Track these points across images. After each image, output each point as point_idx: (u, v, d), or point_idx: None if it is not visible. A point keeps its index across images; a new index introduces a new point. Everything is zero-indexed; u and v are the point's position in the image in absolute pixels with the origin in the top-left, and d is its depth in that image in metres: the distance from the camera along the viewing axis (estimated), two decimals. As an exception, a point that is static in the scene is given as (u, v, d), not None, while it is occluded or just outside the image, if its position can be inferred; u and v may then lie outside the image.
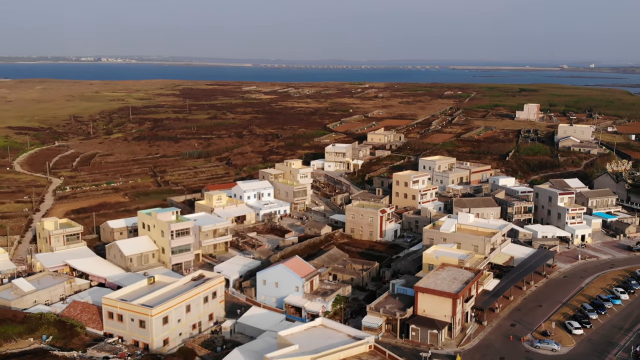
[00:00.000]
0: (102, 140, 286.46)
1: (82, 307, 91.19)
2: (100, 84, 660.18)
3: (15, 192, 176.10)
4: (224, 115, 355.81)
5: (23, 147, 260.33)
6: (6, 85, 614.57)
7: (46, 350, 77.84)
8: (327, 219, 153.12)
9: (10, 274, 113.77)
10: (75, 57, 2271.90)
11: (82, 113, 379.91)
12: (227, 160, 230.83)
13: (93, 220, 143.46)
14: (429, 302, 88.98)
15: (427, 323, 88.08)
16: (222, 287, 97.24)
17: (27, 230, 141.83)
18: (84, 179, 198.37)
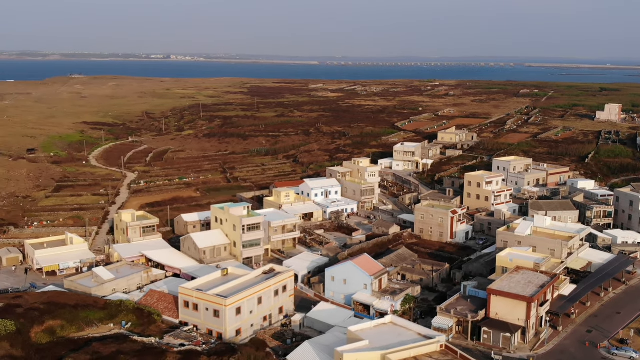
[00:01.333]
0: (174, 136, 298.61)
1: (159, 296, 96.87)
2: (171, 81, 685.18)
3: (92, 185, 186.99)
4: (291, 113, 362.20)
5: (98, 142, 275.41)
6: (81, 81, 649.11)
7: (126, 336, 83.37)
8: (395, 219, 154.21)
9: (89, 263, 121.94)
10: (145, 55, 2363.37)
11: (154, 110, 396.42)
12: (294, 157, 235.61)
13: (167, 213, 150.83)
14: (502, 305, 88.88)
15: (499, 326, 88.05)
16: (291, 282, 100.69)
17: (104, 221, 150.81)
18: (157, 173, 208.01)
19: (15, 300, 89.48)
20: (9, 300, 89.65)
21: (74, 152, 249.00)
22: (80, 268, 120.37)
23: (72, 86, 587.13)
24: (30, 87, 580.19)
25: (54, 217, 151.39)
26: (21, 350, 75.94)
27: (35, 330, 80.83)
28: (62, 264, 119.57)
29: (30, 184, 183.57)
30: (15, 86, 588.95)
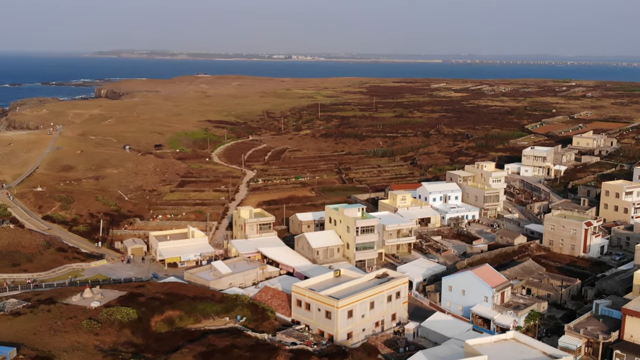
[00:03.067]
0: (292, 136, 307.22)
1: (273, 293, 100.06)
2: (291, 81, 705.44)
3: (214, 182, 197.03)
4: (410, 113, 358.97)
5: (220, 139, 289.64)
6: (206, 80, 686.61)
7: (240, 330, 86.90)
8: (521, 228, 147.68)
9: (209, 257, 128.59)
10: (268, 55, 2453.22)
11: (274, 109, 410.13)
12: (412, 160, 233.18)
13: (283, 212, 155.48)
14: (638, 327, 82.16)
15: (634, 349, 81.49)
16: (406, 288, 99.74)
17: (224, 217, 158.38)
18: (275, 172, 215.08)
19: (138, 290, 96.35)
20: (133, 289, 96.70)
21: (197, 149, 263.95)
22: (200, 261, 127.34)
23: (198, 85, 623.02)
24: (159, 85, 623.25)
25: (177, 211, 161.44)
26: (141, 338, 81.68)
27: (155, 320, 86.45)
28: (183, 256, 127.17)
29: (157, 179, 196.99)
30: (145, 84, 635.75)
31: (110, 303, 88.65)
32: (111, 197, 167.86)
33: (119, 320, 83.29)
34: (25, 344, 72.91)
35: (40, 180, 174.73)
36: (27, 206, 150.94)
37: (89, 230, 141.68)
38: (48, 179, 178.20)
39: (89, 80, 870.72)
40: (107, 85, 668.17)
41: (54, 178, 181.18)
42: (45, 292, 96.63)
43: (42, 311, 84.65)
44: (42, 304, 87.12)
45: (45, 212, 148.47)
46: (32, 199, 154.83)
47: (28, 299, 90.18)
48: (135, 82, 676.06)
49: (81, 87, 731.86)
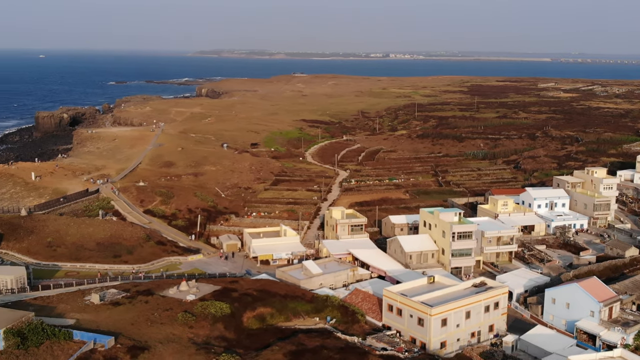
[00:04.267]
0: (387, 136, 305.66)
1: (363, 296, 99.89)
2: (388, 80, 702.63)
3: (307, 181, 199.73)
4: (514, 114, 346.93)
5: (314, 139, 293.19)
6: (302, 80, 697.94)
7: (330, 332, 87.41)
8: (633, 240, 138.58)
9: (300, 256, 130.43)
10: (365, 54, 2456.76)
11: (369, 109, 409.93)
12: (516, 163, 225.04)
13: (375, 213, 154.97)
14: None
15: None
16: (505, 299, 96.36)
17: (316, 217, 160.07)
18: (368, 173, 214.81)
19: (231, 285, 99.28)
20: (227, 284, 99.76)
21: (292, 148, 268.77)
22: (292, 260, 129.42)
23: (294, 84, 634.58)
24: (257, 84, 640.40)
25: (271, 209, 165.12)
26: (233, 333, 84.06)
27: (247, 315, 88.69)
28: (275, 254, 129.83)
29: (252, 177, 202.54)
30: (244, 83, 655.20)
31: (204, 297, 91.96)
32: (209, 193, 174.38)
33: (213, 314, 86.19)
34: (123, 334, 77.05)
35: (143, 176, 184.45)
36: (130, 200, 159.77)
37: (187, 225, 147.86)
38: (150, 175, 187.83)
39: (191, 79, 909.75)
40: (208, 84, 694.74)
41: (155, 174, 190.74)
42: (144, 283, 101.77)
43: (140, 302, 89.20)
44: (140, 295, 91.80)
45: (146, 206, 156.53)
46: (135, 193, 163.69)
47: (127, 290, 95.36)
48: (234, 81, 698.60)
49: (183, 86, 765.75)
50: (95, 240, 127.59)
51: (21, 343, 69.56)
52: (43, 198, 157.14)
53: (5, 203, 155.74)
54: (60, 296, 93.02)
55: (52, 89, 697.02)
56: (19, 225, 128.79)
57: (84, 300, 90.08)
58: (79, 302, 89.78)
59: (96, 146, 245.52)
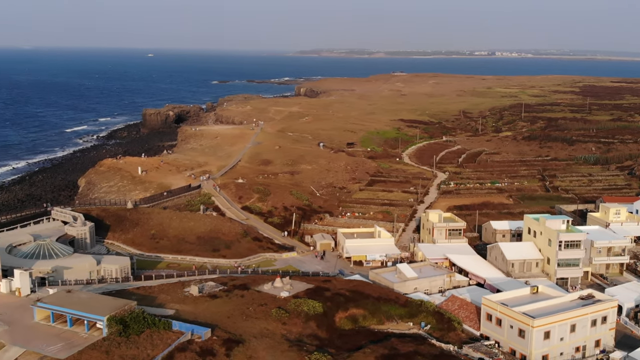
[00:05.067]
0: (490, 137, 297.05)
1: (460, 303, 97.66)
2: (493, 79, 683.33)
3: (403, 182, 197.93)
4: (630, 117, 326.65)
5: (412, 139, 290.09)
6: (401, 79, 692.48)
7: (424, 338, 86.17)
8: None
9: (394, 258, 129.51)
10: (469, 52, 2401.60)
11: (472, 109, 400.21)
12: (630, 169, 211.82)
13: (475, 218, 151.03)
14: None
15: None
16: (614, 313, 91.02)
17: (411, 219, 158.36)
18: (468, 176, 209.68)
19: (324, 284, 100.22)
20: (320, 283, 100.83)
21: (388, 148, 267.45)
22: (385, 262, 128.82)
23: (393, 84, 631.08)
24: (355, 83, 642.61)
25: (365, 209, 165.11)
26: (326, 332, 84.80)
27: (340, 316, 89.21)
28: (369, 255, 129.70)
29: (347, 176, 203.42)
30: (342, 82, 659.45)
31: (298, 294, 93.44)
32: (304, 192, 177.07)
33: (306, 312, 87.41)
34: (219, 326, 79.75)
35: (242, 173, 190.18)
36: (229, 196, 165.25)
37: (282, 223, 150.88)
38: (248, 172, 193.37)
39: (291, 78, 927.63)
40: (306, 83, 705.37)
41: (253, 171, 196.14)
42: (240, 277, 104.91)
43: (236, 296, 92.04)
44: (237, 289, 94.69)
45: (244, 203, 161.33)
46: (234, 190, 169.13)
47: (224, 283, 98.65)
48: (332, 80, 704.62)
49: (283, 85, 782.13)
50: (196, 234, 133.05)
51: (123, 331, 73.62)
52: (148, 192, 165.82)
53: (113, 195, 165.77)
54: (161, 287, 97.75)
55: (161, 87, 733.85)
56: (125, 217, 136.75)
57: (184, 292, 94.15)
58: (178, 293, 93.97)
59: (199, 143, 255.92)
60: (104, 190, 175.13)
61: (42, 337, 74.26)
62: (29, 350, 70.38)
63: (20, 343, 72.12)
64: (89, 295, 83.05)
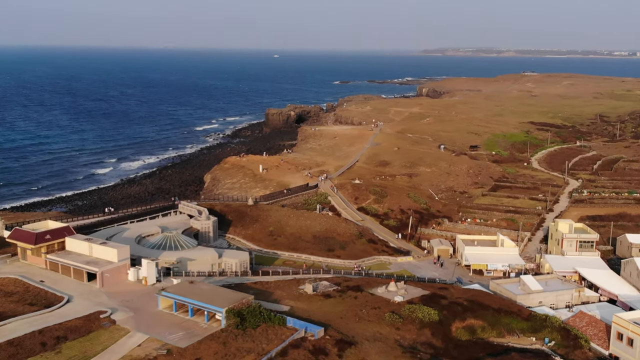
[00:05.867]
0: (629, 144, 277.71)
1: (589, 320, 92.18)
2: (634, 81, 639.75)
3: (530, 189, 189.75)
4: None
5: (542, 143, 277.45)
6: (532, 79, 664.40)
7: (547, 354, 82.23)
8: None
9: (517, 269, 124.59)
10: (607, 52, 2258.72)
11: (609, 112, 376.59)
12: None
13: (609, 230, 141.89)
14: None
15: None
16: None
17: (539, 228, 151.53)
18: (604, 184, 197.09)
19: (441, 292, 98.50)
20: (436, 290, 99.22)
21: (515, 152, 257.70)
22: (508, 272, 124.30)
23: (523, 84, 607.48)
24: (481, 84, 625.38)
25: (487, 216, 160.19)
26: (441, 341, 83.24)
27: (456, 325, 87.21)
28: (490, 264, 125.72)
29: (469, 180, 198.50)
30: (467, 82, 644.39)
31: (412, 300, 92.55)
32: (422, 195, 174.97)
33: (420, 319, 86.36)
34: (332, 326, 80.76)
35: (359, 173, 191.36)
36: (345, 196, 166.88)
37: (398, 226, 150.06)
38: (365, 173, 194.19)
39: (412, 78, 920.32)
40: (429, 83, 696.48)
41: (370, 172, 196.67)
42: (354, 279, 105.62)
43: (349, 297, 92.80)
44: (350, 290, 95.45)
45: (360, 204, 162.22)
46: (350, 190, 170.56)
47: (338, 284, 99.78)
48: (456, 80, 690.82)
49: (404, 85, 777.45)
50: (312, 233, 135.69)
51: (240, 323, 76.58)
52: (268, 189, 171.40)
53: (235, 192, 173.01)
54: (277, 283, 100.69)
55: (284, 87, 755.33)
56: (245, 214, 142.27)
57: (298, 289, 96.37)
58: (293, 290, 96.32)
59: (318, 143, 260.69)
60: (227, 187, 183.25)
61: (165, 325, 78.97)
62: (152, 337, 75.08)
63: (144, 330, 77.15)
64: (210, 287, 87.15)
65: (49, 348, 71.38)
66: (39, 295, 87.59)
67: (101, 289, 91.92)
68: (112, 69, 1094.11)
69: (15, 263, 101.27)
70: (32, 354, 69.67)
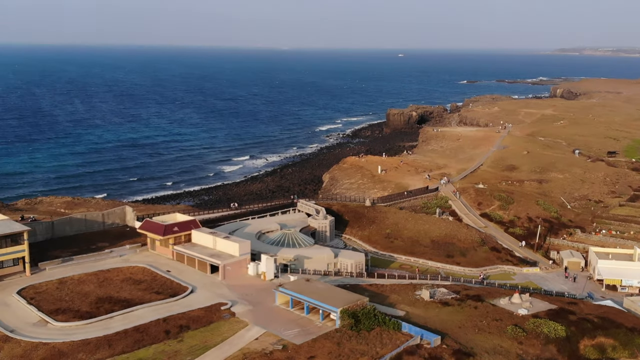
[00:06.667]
0: None
1: None
2: None
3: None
4: None
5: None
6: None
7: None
8: None
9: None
10: None
11: None
12: None
13: None
14: None
15: None
16: None
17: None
18: None
19: (569, 306, 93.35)
20: (564, 305, 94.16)
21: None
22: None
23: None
24: (621, 85, 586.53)
25: (624, 228, 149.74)
26: (567, 358, 78.88)
27: (585, 343, 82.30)
28: (625, 280, 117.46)
29: (605, 189, 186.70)
30: (606, 84, 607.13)
31: (538, 314, 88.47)
32: (552, 202, 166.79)
33: (546, 334, 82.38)
34: (449, 335, 78.94)
35: (483, 178, 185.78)
36: (467, 201, 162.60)
37: (525, 234, 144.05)
38: (490, 177, 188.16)
39: (546, 78, 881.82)
40: (564, 84, 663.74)
41: (496, 177, 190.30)
42: (474, 288, 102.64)
43: (468, 306, 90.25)
44: (470, 300, 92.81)
45: (483, 210, 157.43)
46: (472, 195, 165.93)
47: (457, 292, 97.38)
48: (595, 81, 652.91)
49: (536, 86, 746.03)
50: (430, 237, 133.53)
51: (354, 325, 76.87)
52: (386, 191, 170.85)
53: (353, 192, 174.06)
54: (392, 287, 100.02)
55: (408, 87, 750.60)
56: (362, 215, 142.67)
57: (415, 295, 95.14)
58: (409, 295, 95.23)
59: (440, 145, 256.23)
60: (345, 187, 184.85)
61: (281, 321, 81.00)
62: (268, 332, 77.26)
63: (261, 324, 79.57)
64: (326, 286, 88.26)
65: (172, 336, 75.52)
66: (165, 285, 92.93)
67: (223, 281, 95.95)
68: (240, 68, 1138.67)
69: (145, 253, 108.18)
70: (156, 341, 74.02)
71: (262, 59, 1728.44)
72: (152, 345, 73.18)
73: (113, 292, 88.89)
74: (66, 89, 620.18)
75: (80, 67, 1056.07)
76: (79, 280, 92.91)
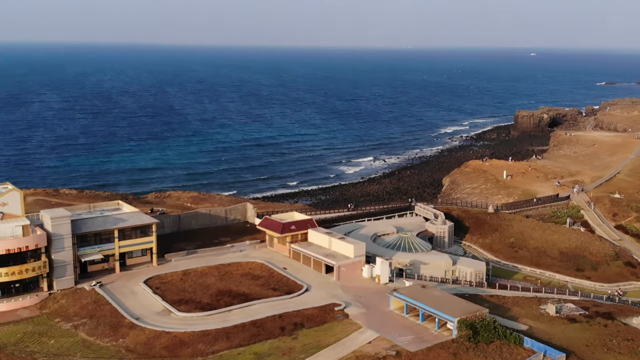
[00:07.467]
0: None
1: None
2: None
3: None
4: None
5: None
6: None
7: None
8: None
9: None
10: None
11: None
12: None
13: None
14: None
15: None
16: None
17: None
18: None
19: None
20: None
21: None
22: None
23: None
24: None
25: None
26: None
27: None
28: None
29: None
30: None
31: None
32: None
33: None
34: (575, 353, 74.90)
35: (619, 187, 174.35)
36: (601, 212, 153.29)
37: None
38: (627, 186, 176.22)
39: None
40: None
41: (634, 186, 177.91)
42: (605, 305, 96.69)
43: (598, 324, 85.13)
44: (599, 317, 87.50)
45: (618, 221, 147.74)
46: (607, 205, 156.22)
47: (586, 308, 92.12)
48: None
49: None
50: (559, 248, 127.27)
51: (472, 336, 74.74)
52: (511, 197, 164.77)
53: (475, 197, 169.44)
54: (515, 299, 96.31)
55: (540, 88, 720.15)
56: (484, 221, 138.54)
57: (539, 309, 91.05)
58: (533, 309, 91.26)
59: (573, 150, 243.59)
60: (466, 192, 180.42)
61: (395, 326, 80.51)
62: (382, 336, 77.05)
63: (375, 328, 79.52)
64: (442, 294, 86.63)
65: (286, 333, 77.39)
66: (281, 282, 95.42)
67: (337, 282, 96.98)
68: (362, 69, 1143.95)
69: (263, 249, 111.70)
70: (271, 337, 76.17)
71: (386, 59, 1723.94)
72: (268, 340, 75.37)
73: (232, 285, 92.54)
74: (196, 88, 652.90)
75: (209, 67, 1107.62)
76: (201, 272, 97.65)
